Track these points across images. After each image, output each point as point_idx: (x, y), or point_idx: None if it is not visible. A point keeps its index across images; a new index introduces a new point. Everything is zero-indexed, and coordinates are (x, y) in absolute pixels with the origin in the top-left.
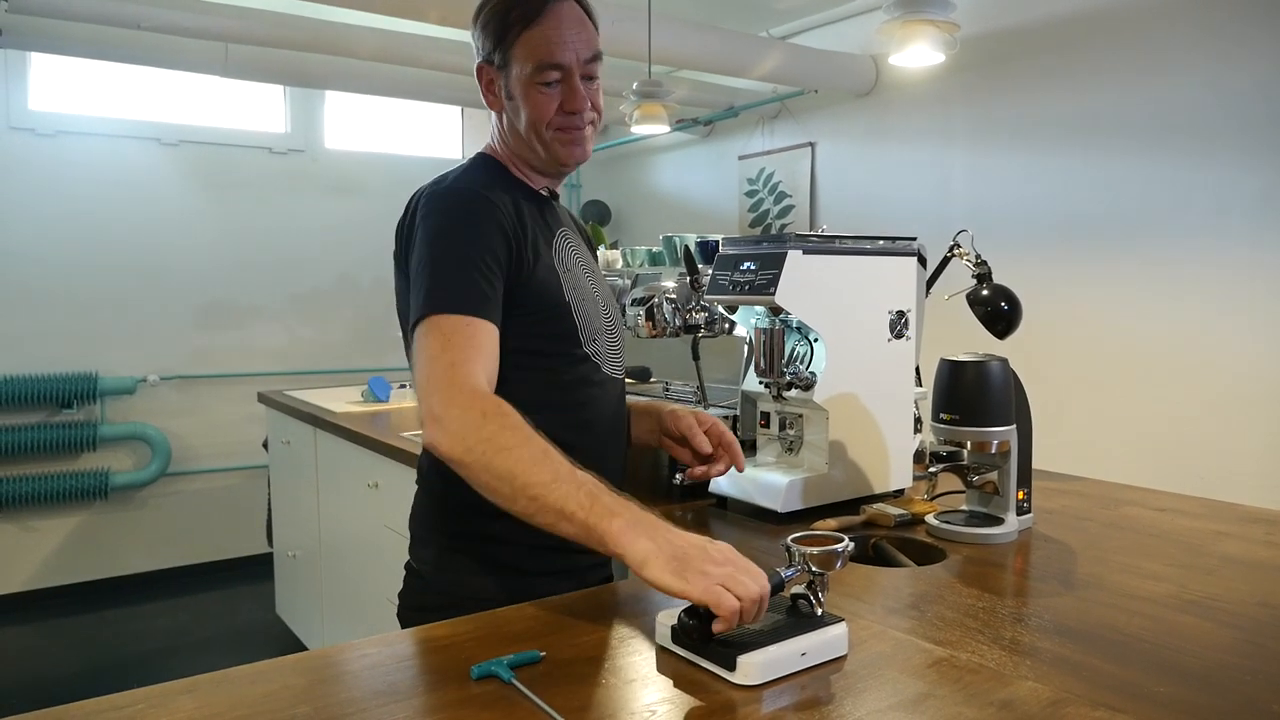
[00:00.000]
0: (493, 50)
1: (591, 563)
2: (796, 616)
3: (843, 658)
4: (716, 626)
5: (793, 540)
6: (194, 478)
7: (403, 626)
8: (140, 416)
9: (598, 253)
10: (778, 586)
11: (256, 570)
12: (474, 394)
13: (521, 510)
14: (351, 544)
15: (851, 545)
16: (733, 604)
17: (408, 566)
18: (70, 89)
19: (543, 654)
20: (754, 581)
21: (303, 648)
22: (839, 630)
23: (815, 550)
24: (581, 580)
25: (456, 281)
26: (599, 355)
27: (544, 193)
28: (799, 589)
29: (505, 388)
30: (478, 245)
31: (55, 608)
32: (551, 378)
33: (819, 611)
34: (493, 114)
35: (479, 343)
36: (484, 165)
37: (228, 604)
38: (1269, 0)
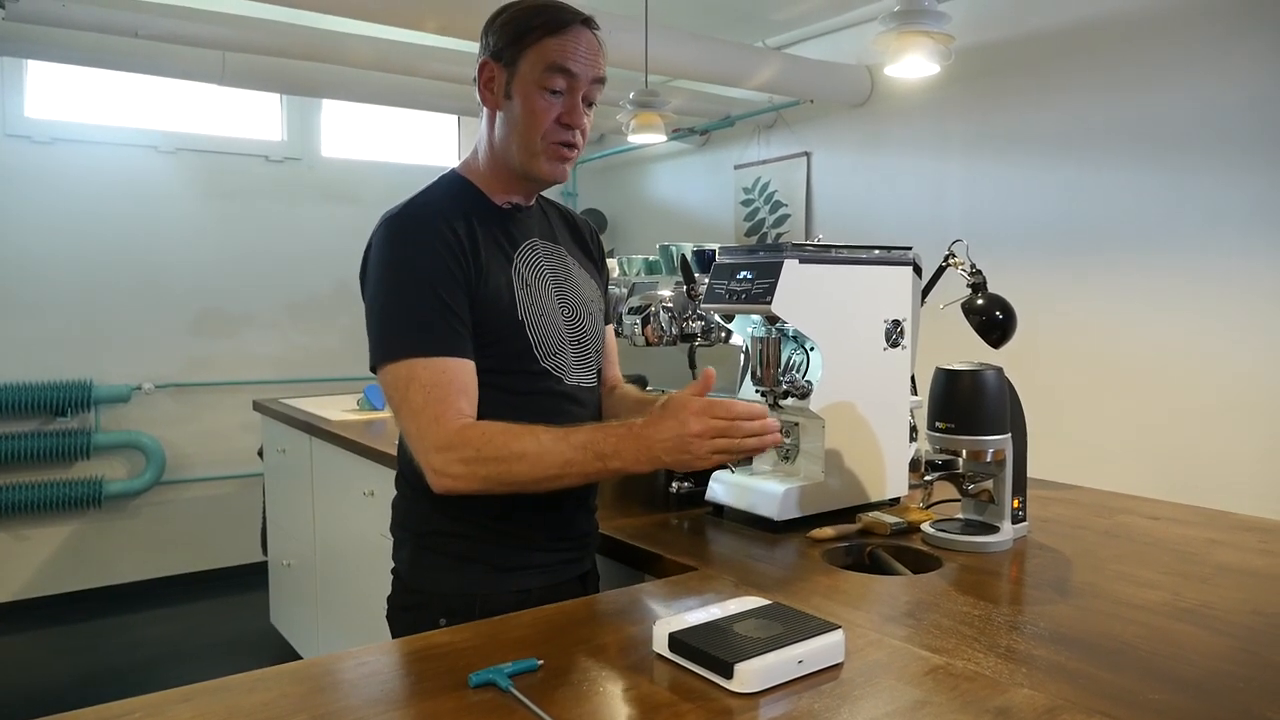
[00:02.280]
0: (504, 48)
1: (565, 558)
2: (793, 624)
3: (839, 665)
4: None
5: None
6: (188, 486)
7: (390, 627)
8: (135, 425)
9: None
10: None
11: (251, 579)
12: (464, 441)
13: (546, 490)
14: (347, 553)
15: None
16: (737, 449)
17: (392, 569)
18: (67, 96)
19: (541, 662)
20: (701, 426)
21: (297, 657)
22: (835, 638)
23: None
24: (554, 574)
25: (425, 320)
26: (560, 368)
27: (506, 206)
28: None
29: None
30: (437, 275)
31: (48, 617)
32: (510, 392)
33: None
34: (482, 120)
35: (459, 384)
36: (446, 186)
37: (222, 613)
38: (1258, 15)
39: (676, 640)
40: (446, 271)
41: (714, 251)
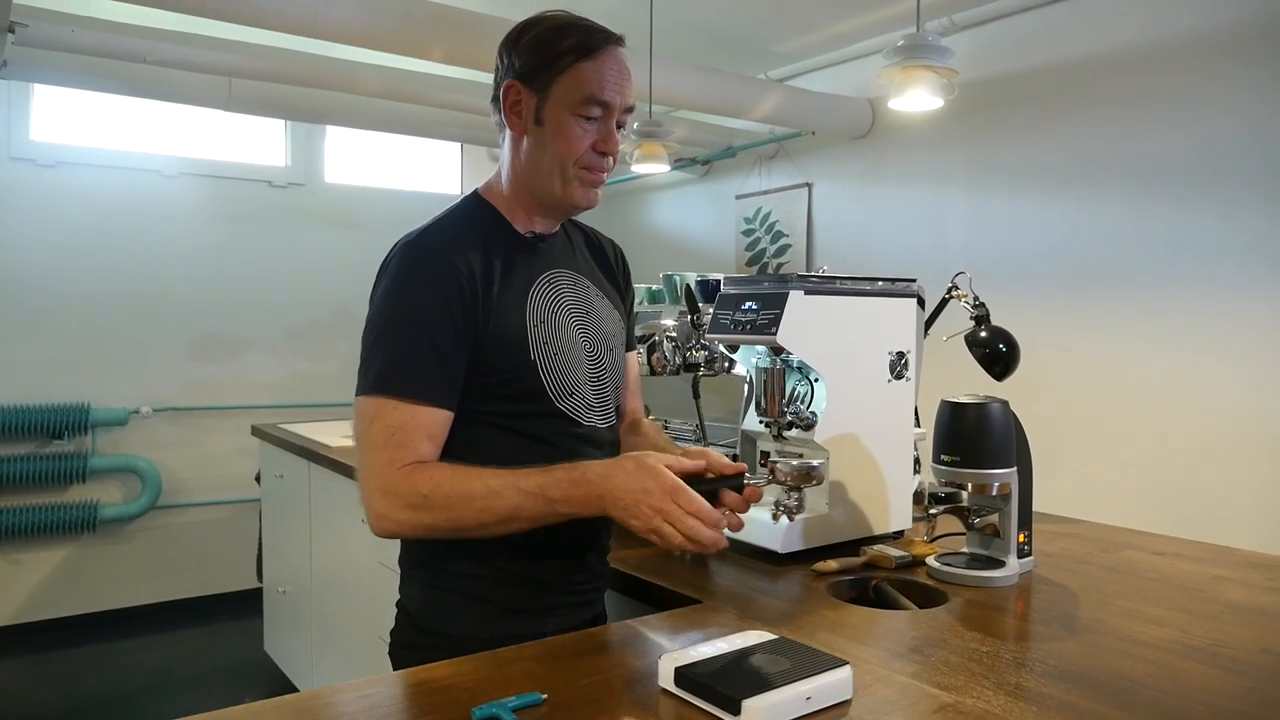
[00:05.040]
0: (534, 72)
1: (579, 600)
2: (800, 660)
3: (847, 702)
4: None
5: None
6: (184, 511)
7: (393, 664)
8: (131, 448)
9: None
10: (736, 487)
11: (245, 606)
12: (411, 487)
13: (491, 536)
14: (343, 580)
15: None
16: (674, 539)
17: (398, 604)
18: (72, 120)
19: (545, 696)
20: (663, 504)
21: (291, 686)
22: (844, 674)
23: (793, 464)
24: (568, 618)
25: (409, 362)
26: (577, 409)
27: (529, 235)
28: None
29: (475, 446)
30: (433, 317)
31: (39, 643)
32: (518, 437)
33: (782, 516)
34: (505, 143)
35: (426, 430)
36: (467, 211)
37: (215, 640)
38: (1259, 50)
39: (682, 675)
40: (447, 316)
41: (718, 281)
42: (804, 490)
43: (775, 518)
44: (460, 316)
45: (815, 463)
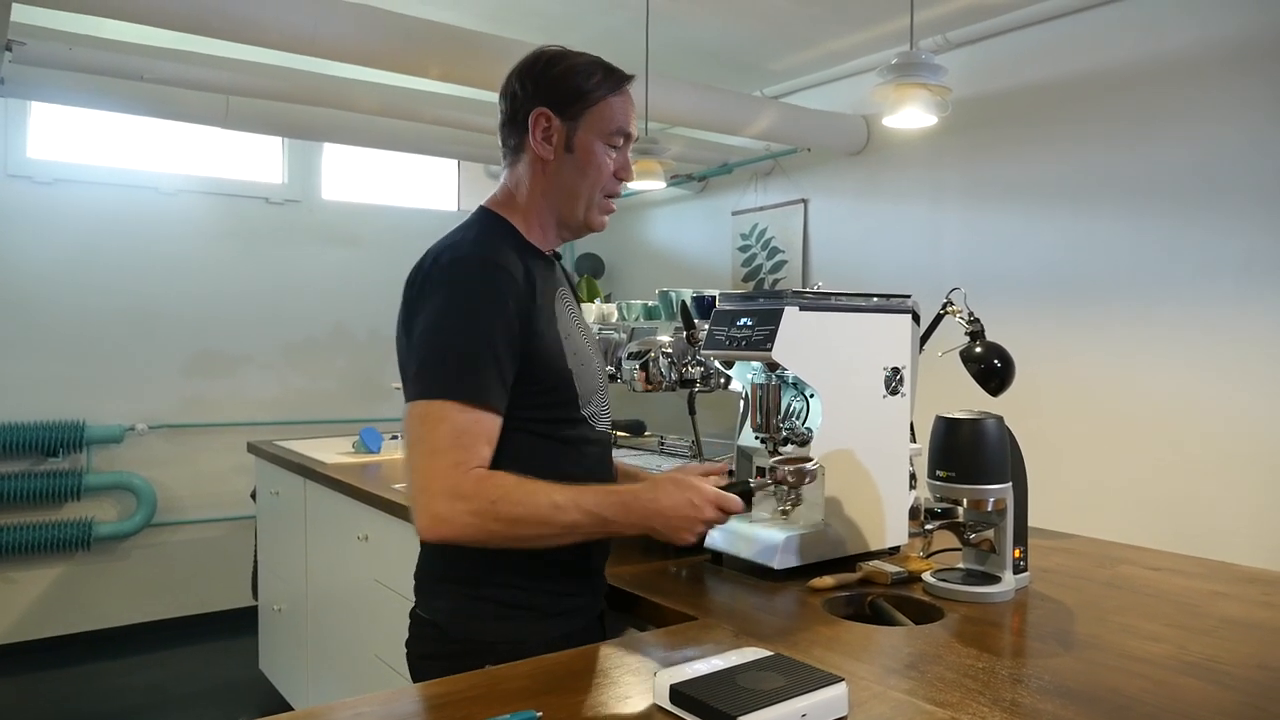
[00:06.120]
0: (566, 102)
1: (591, 600)
2: (795, 676)
3: (843, 719)
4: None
5: (773, 462)
6: (179, 528)
7: (415, 675)
8: (127, 466)
9: (592, 305)
10: (746, 493)
11: (240, 624)
12: (480, 492)
13: (539, 548)
14: (340, 598)
15: (821, 467)
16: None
17: (415, 616)
18: (69, 137)
19: (540, 714)
20: (712, 514)
21: (286, 705)
22: (839, 690)
23: (789, 467)
24: (584, 616)
25: (472, 366)
26: (594, 416)
27: (550, 254)
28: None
29: (508, 450)
30: (495, 325)
31: (33, 662)
32: (550, 442)
33: (785, 508)
34: (521, 165)
35: (487, 435)
36: (496, 227)
37: (210, 659)
38: (1254, 65)
39: (678, 692)
40: (506, 325)
41: (713, 297)
42: (801, 491)
43: (775, 515)
44: (515, 326)
45: (810, 465)
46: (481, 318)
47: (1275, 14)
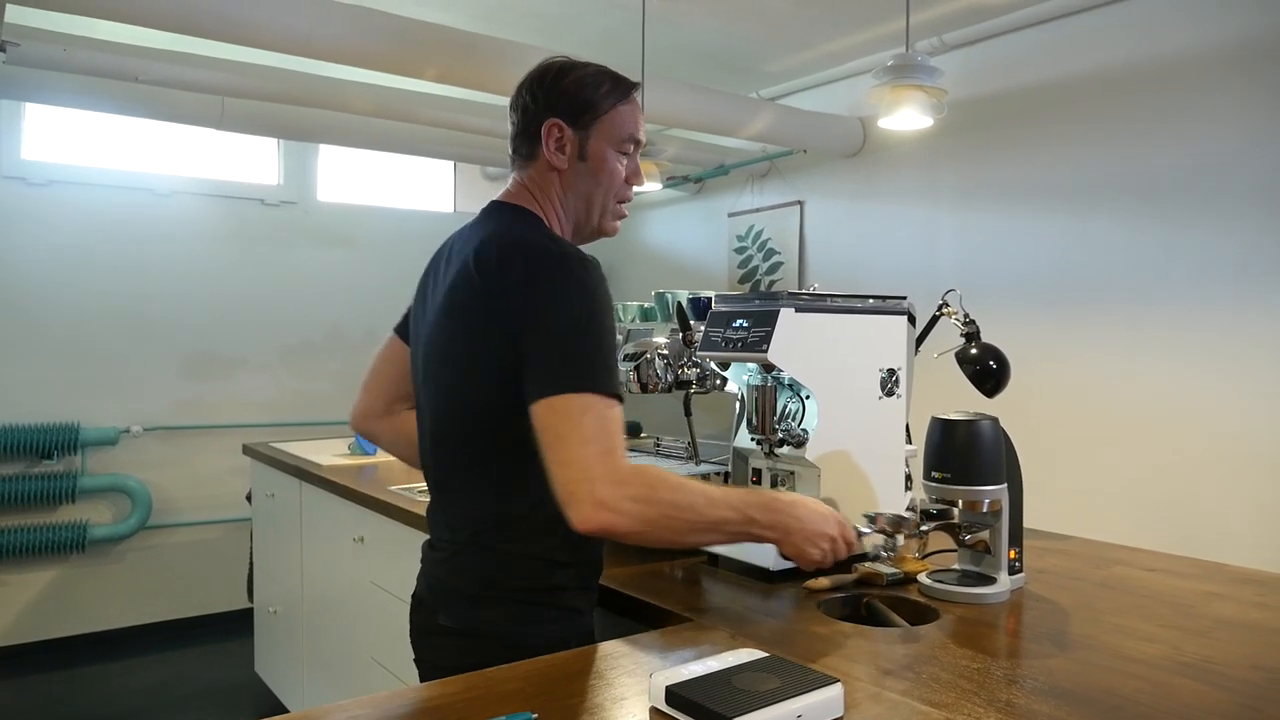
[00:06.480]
0: (577, 112)
1: (595, 593)
2: (791, 678)
3: None
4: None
5: (876, 513)
6: (174, 531)
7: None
8: (122, 468)
9: None
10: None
11: (236, 626)
12: (639, 478)
13: (685, 546)
14: (336, 600)
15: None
16: (827, 560)
17: (445, 630)
18: (64, 139)
19: (535, 716)
20: (844, 537)
21: (281, 707)
22: (834, 692)
23: (889, 514)
24: (589, 609)
25: (609, 362)
26: None
27: None
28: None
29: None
30: (611, 322)
31: (28, 665)
32: None
33: (885, 555)
34: (536, 173)
35: (622, 427)
36: (546, 227)
37: (205, 661)
38: (1248, 67)
39: (673, 694)
40: (614, 322)
41: (709, 299)
42: (898, 537)
43: (875, 559)
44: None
45: (906, 515)
46: (605, 314)
47: (1268, 16)
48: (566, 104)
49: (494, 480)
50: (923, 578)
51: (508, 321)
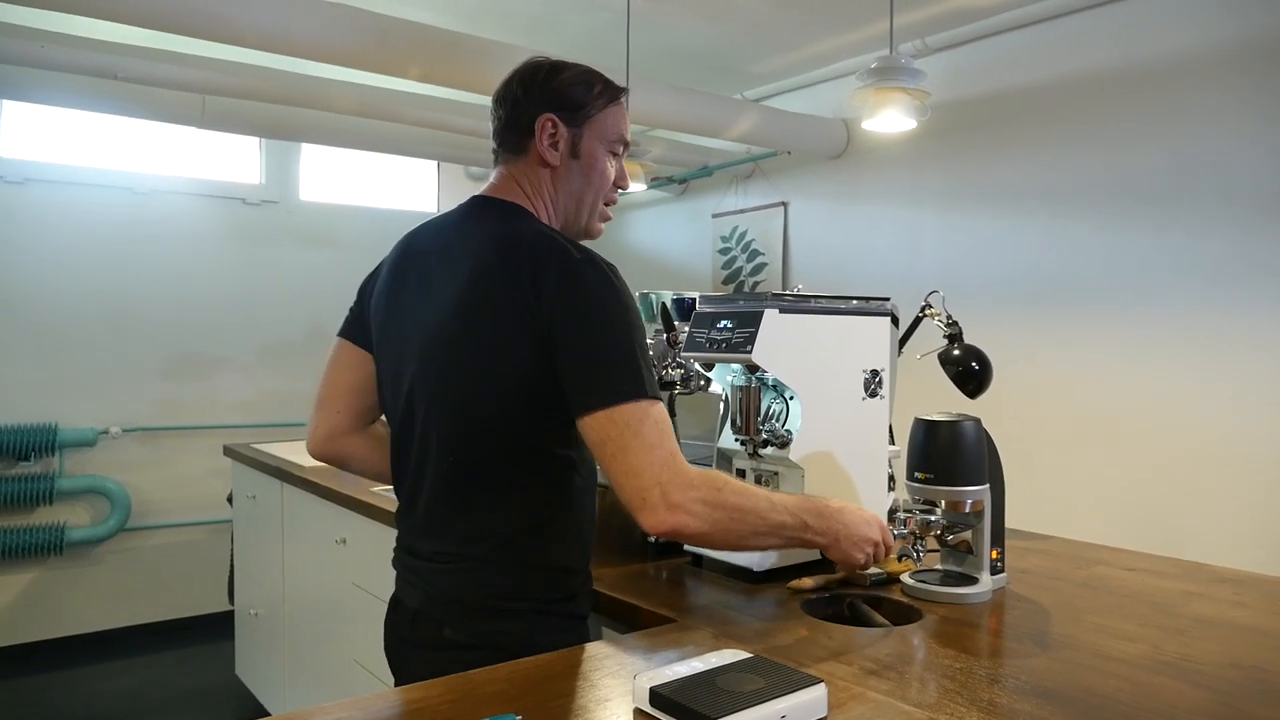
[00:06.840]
0: (571, 109)
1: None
2: (775, 678)
3: None
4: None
5: (906, 515)
6: (154, 533)
7: None
8: (100, 469)
9: None
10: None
11: (217, 629)
12: (706, 481)
13: (745, 549)
14: (317, 602)
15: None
16: (868, 564)
17: (454, 643)
18: (41, 136)
19: (519, 717)
20: (885, 540)
21: (263, 710)
22: (818, 692)
23: (918, 517)
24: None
25: (649, 367)
26: None
27: None
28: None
29: (537, 476)
30: (644, 326)
31: (5, 669)
32: (567, 460)
33: (918, 556)
34: (524, 169)
35: (671, 426)
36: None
37: (185, 664)
38: (1231, 70)
39: (657, 695)
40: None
41: (693, 300)
42: (925, 540)
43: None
44: None
45: (932, 518)
46: (640, 318)
47: (1248, 19)
48: (561, 100)
49: (516, 491)
50: (905, 578)
51: (539, 328)
